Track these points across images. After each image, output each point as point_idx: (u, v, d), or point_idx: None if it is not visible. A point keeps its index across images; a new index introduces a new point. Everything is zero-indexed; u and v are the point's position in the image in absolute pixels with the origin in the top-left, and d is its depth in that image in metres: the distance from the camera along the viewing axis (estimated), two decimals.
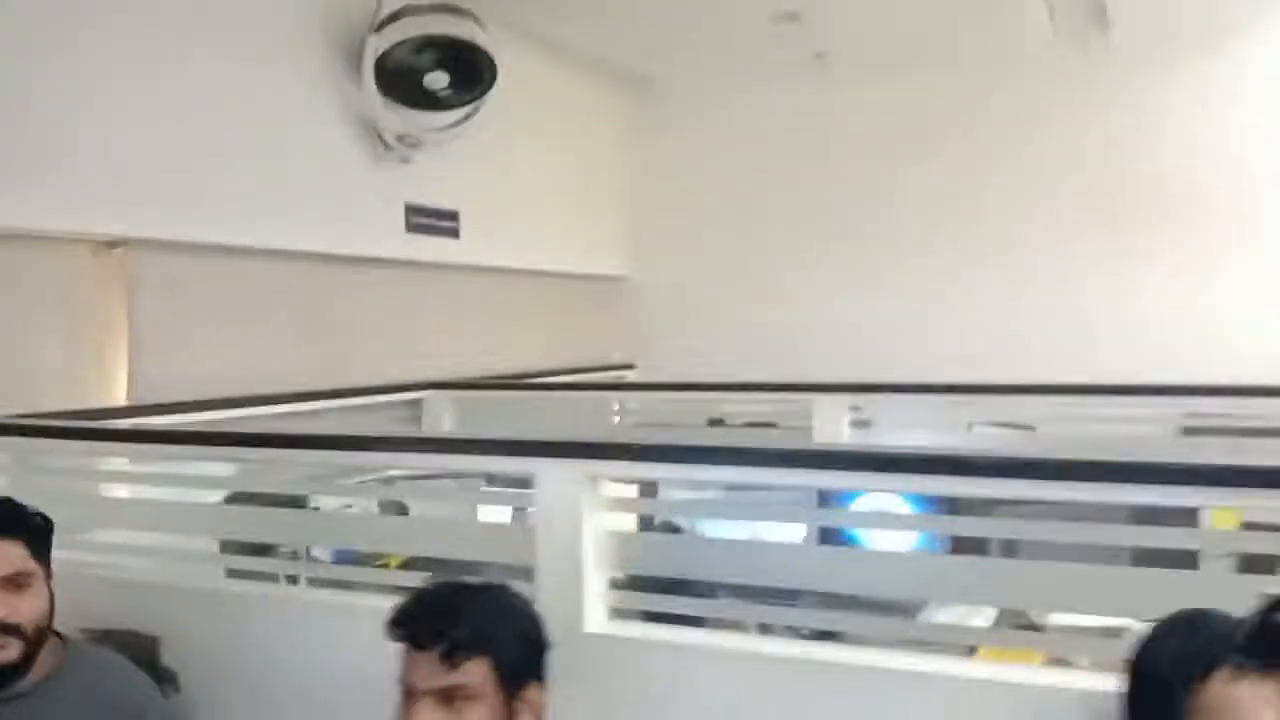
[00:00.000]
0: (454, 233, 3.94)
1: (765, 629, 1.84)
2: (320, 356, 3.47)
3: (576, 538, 1.67)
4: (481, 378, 4.14)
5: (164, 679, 2.07)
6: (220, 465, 2.42)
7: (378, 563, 2.61)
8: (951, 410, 3.46)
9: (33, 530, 1.75)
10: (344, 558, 2.58)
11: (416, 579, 1.93)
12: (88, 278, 2.78)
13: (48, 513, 2.38)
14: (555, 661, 1.45)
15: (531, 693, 1.44)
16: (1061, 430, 3.49)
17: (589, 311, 5.15)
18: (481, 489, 1.88)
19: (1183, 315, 4.35)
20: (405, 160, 3.64)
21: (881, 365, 4.09)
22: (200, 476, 2.40)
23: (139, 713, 1.78)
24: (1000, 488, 1.55)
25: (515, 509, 2.66)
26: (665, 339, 5.17)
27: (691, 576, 1.70)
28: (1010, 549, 2.17)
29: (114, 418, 2.70)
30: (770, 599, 1.77)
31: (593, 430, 3.92)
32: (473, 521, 1.87)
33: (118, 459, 2.59)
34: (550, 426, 3.86)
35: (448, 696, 1.38)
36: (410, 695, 1.39)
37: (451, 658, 1.37)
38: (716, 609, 1.74)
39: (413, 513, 2.47)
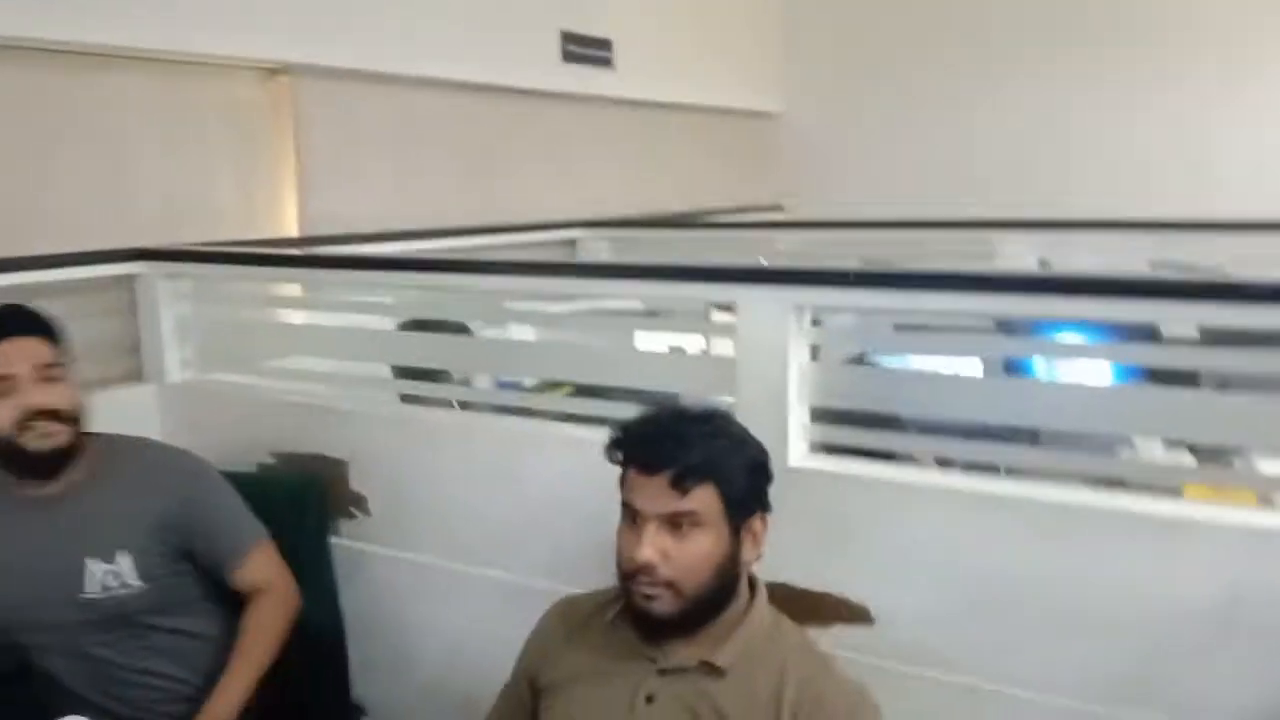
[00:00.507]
0: (608, 62, 3.78)
1: (946, 463, 1.75)
2: (479, 193, 3.43)
3: (782, 370, 1.59)
4: (634, 216, 4.05)
5: (353, 501, 2.12)
6: (403, 293, 2.43)
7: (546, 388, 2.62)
8: (1133, 248, 3.19)
9: (54, 330, 1.76)
10: (507, 387, 2.58)
11: (604, 406, 1.91)
12: (255, 107, 2.75)
13: (231, 338, 2.46)
14: None
15: (756, 522, 1.39)
16: (1252, 272, 3.20)
17: (740, 150, 4.95)
18: (675, 318, 1.78)
19: None
20: None
21: (1051, 202, 3.82)
22: (379, 303, 2.41)
23: (188, 498, 1.81)
24: (1203, 312, 1.43)
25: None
26: (818, 178, 4.96)
27: (904, 412, 1.60)
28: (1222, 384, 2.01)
29: (288, 248, 2.74)
30: (961, 434, 1.68)
31: None
32: (670, 352, 1.79)
33: (293, 286, 2.63)
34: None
35: (675, 521, 1.34)
36: (635, 517, 1.36)
37: (682, 483, 1.33)
38: (930, 445, 1.64)
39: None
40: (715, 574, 1.37)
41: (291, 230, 2.86)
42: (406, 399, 2.38)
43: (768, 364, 1.60)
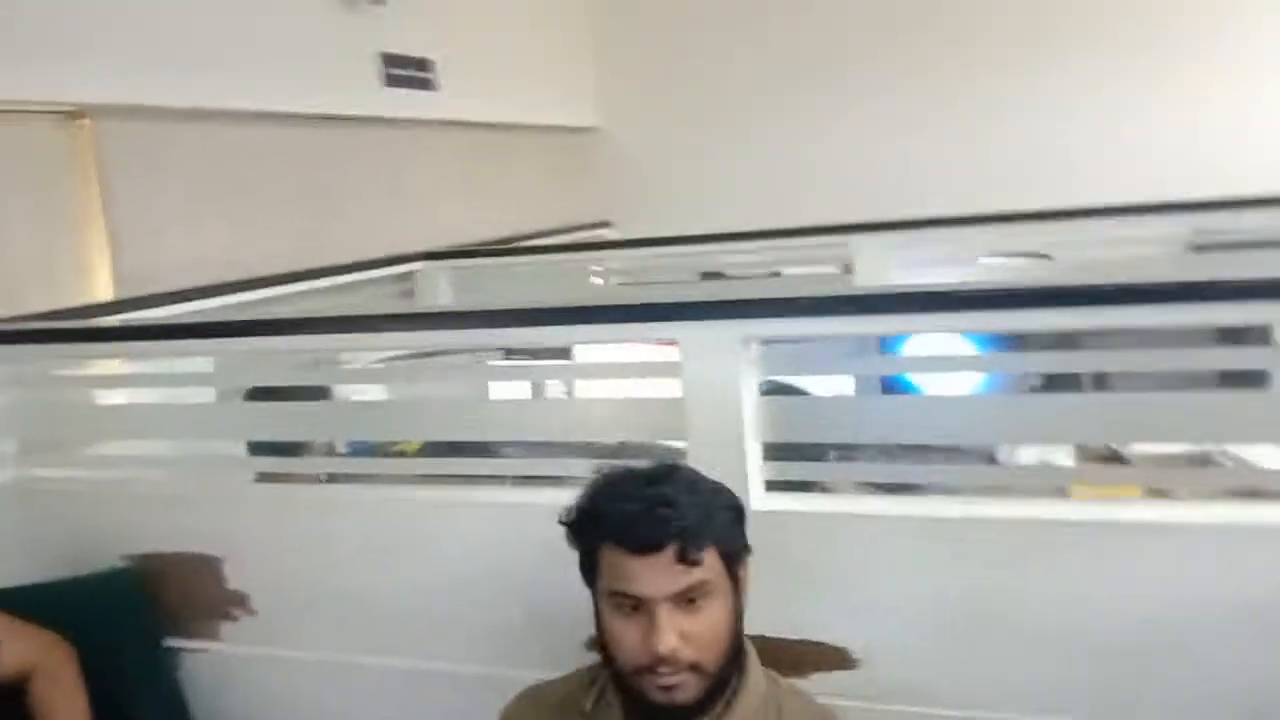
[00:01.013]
0: (429, 84, 3.57)
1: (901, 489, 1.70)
2: (308, 231, 3.15)
3: (735, 407, 1.48)
4: (467, 244, 3.85)
5: (233, 601, 1.86)
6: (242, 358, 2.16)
7: (393, 449, 2.41)
8: (957, 244, 3.26)
9: None
10: (359, 449, 2.36)
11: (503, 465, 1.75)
12: (55, 155, 2.39)
13: (56, 425, 2.12)
14: None
15: (743, 569, 1.27)
16: (1077, 256, 3.35)
17: (563, 168, 4.83)
18: (623, 361, 1.63)
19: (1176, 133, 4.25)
20: (377, 2, 3.25)
21: (865, 204, 3.89)
22: (214, 373, 2.14)
23: None
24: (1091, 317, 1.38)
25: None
26: (641, 193, 4.91)
27: (859, 440, 1.53)
28: (1098, 383, 2.07)
29: (102, 315, 2.39)
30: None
31: (580, 294, 3.68)
32: (615, 398, 1.64)
33: (118, 361, 2.30)
34: (539, 293, 3.63)
35: (687, 598, 1.20)
36: (637, 605, 1.21)
37: (689, 555, 1.19)
38: (892, 473, 1.57)
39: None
40: (731, 640, 1.25)
41: (104, 293, 2.51)
42: (264, 477, 2.14)
43: (719, 402, 1.49)
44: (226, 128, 2.85)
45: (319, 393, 2.23)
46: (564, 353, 2.84)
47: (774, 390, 1.58)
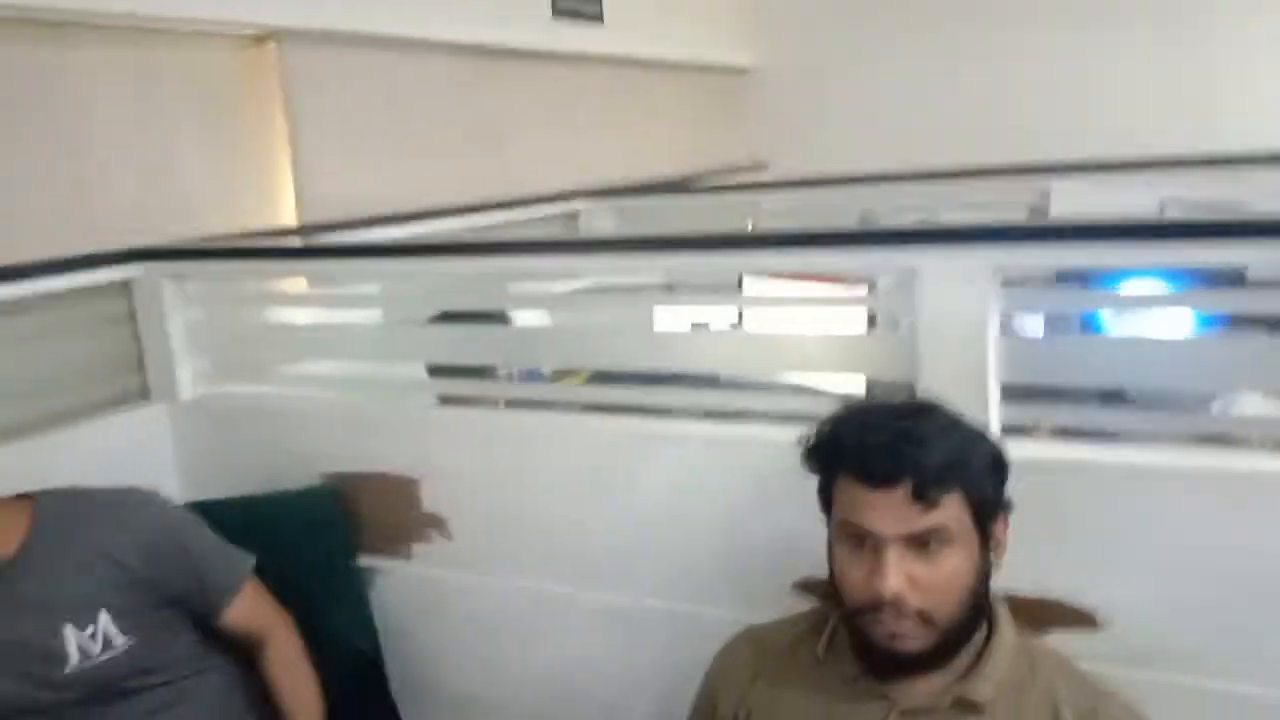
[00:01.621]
0: (598, 16, 3.50)
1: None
2: (477, 165, 3.12)
3: (980, 346, 1.37)
4: (626, 183, 3.78)
5: (429, 523, 1.85)
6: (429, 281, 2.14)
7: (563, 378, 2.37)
8: (1154, 187, 3.01)
9: None
10: (534, 376, 2.32)
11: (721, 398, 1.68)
12: (237, 79, 2.40)
13: (250, 344, 2.14)
14: None
15: (999, 527, 1.18)
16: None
17: (719, 108, 4.70)
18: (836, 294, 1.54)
19: None
20: None
21: (1050, 145, 3.63)
22: (406, 294, 2.13)
23: (152, 544, 1.58)
24: None
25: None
26: (798, 135, 4.74)
27: (1109, 384, 1.40)
28: None
29: (292, 239, 2.42)
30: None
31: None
32: (834, 333, 1.55)
33: (304, 282, 2.32)
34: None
35: (921, 541, 1.11)
36: (867, 541, 1.13)
37: (928, 494, 1.10)
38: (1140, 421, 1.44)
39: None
40: (969, 596, 1.15)
41: (288, 219, 2.53)
42: (447, 400, 2.13)
43: (962, 340, 1.38)
44: (404, 57, 2.82)
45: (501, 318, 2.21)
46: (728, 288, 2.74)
47: None
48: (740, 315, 2.56)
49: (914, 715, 1.18)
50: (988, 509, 1.15)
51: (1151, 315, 1.92)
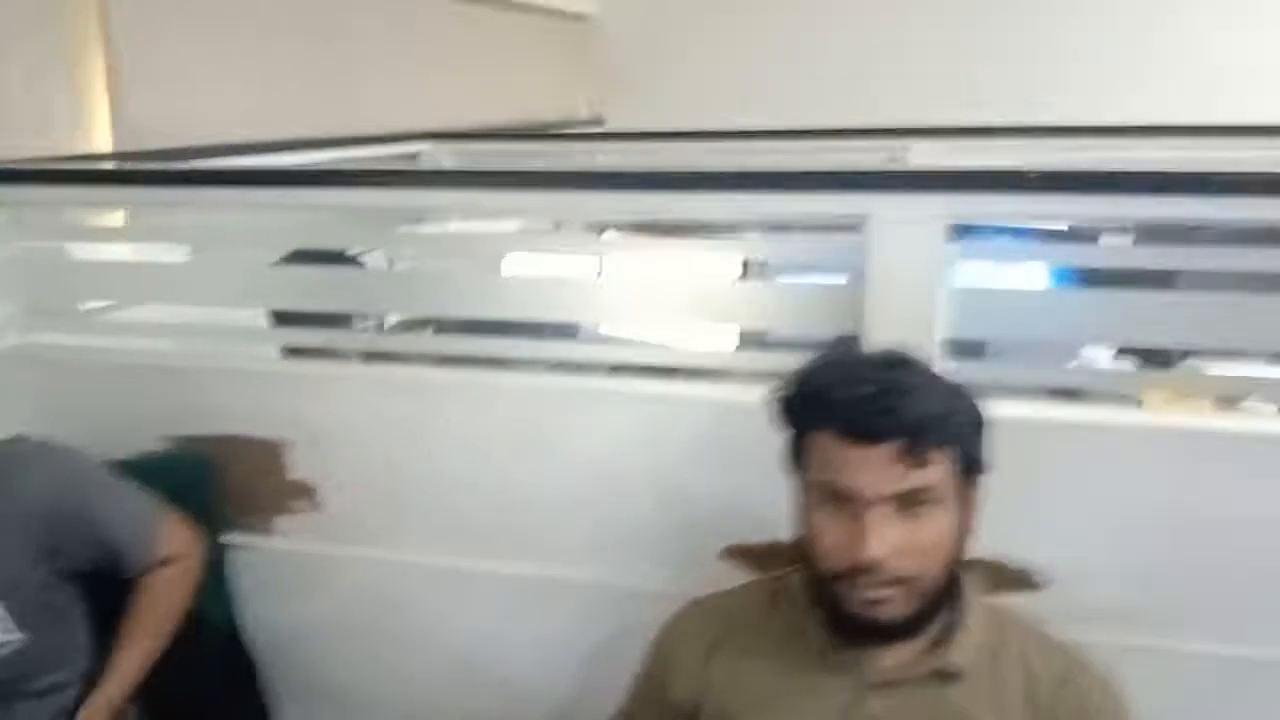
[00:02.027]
0: None
1: None
2: (310, 98, 2.83)
3: (927, 299, 1.31)
4: (471, 128, 3.56)
5: (296, 493, 1.64)
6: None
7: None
8: (1015, 155, 3.05)
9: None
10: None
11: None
12: None
13: (68, 285, 1.83)
14: None
15: (975, 489, 1.12)
16: None
17: (556, 56, 4.52)
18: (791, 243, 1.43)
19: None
20: None
21: (915, 106, 3.58)
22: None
23: (56, 509, 1.34)
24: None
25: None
26: (637, 87, 4.62)
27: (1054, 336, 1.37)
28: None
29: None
30: None
31: None
32: (783, 284, 1.45)
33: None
34: None
35: (906, 502, 1.04)
36: (844, 504, 1.04)
37: (918, 452, 1.02)
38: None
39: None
40: (950, 560, 1.09)
41: (101, 144, 2.19)
42: (292, 352, 1.91)
43: (908, 292, 1.31)
44: None
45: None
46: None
47: None
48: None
49: (887, 688, 1.11)
50: (973, 468, 1.09)
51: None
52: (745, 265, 2.51)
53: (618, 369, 1.68)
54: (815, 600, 1.13)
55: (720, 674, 1.17)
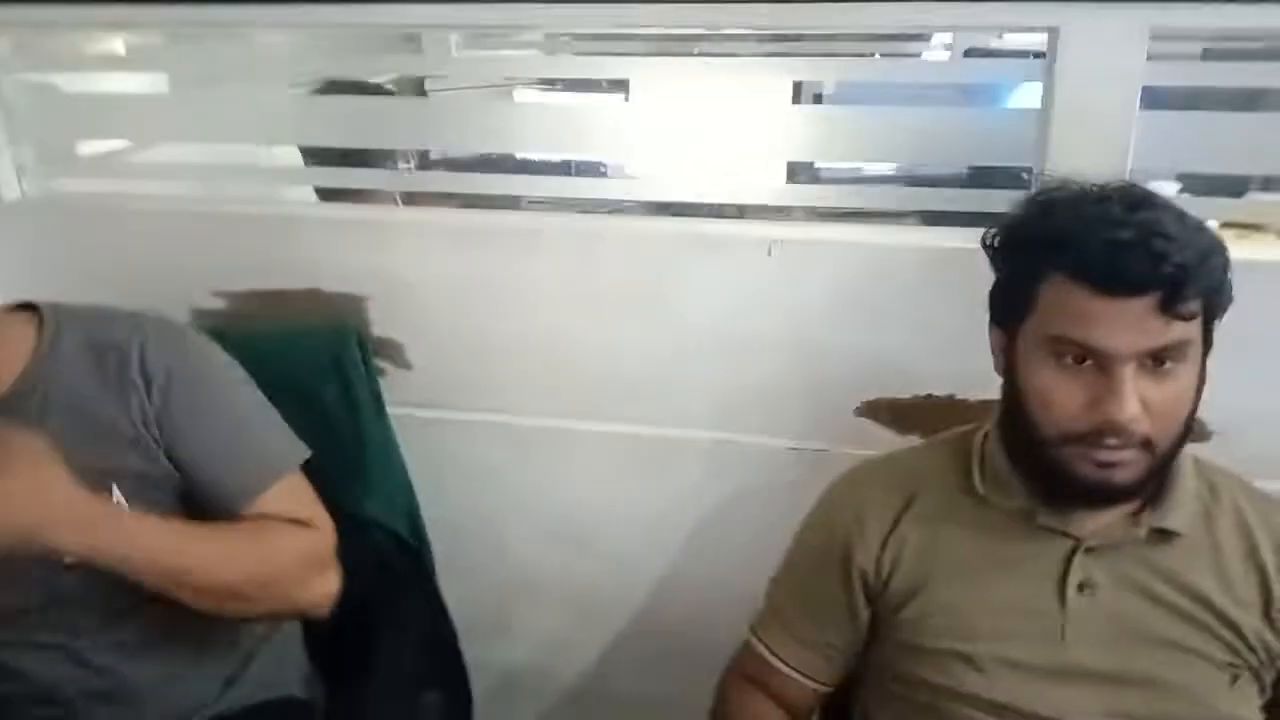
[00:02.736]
0: None
1: None
2: None
3: (1123, 126, 1.16)
4: None
5: (380, 351, 1.49)
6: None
7: None
8: None
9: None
10: None
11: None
12: None
13: (66, 125, 1.59)
14: None
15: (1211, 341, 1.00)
16: None
17: None
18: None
19: None
20: None
21: None
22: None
23: (171, 400, 1.08)
24: None
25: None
26: None
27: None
28: None
29: None
30: None
31: None
32: (950, 110, 1.29)
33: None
34: None
35: (1157, 358, 0.92)
36: (1084, 360, 0.93)
37: (1178, 304, 0.90)
38: None
39: None
40: (1189, 420, 0.98)
41: None
42: (328, 194, 1.75)
43: (1100, 119, 1.16)
44: None
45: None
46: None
47: None
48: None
49: (1101, 551, 1.02)
50: (1217, 314, 0.98)
51: None
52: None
53: None
54: (1020, 461, 1.03)
55: (913, 540, 1.07)
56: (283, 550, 1.08)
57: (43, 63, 1.58)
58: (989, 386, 1.06)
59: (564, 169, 2.47)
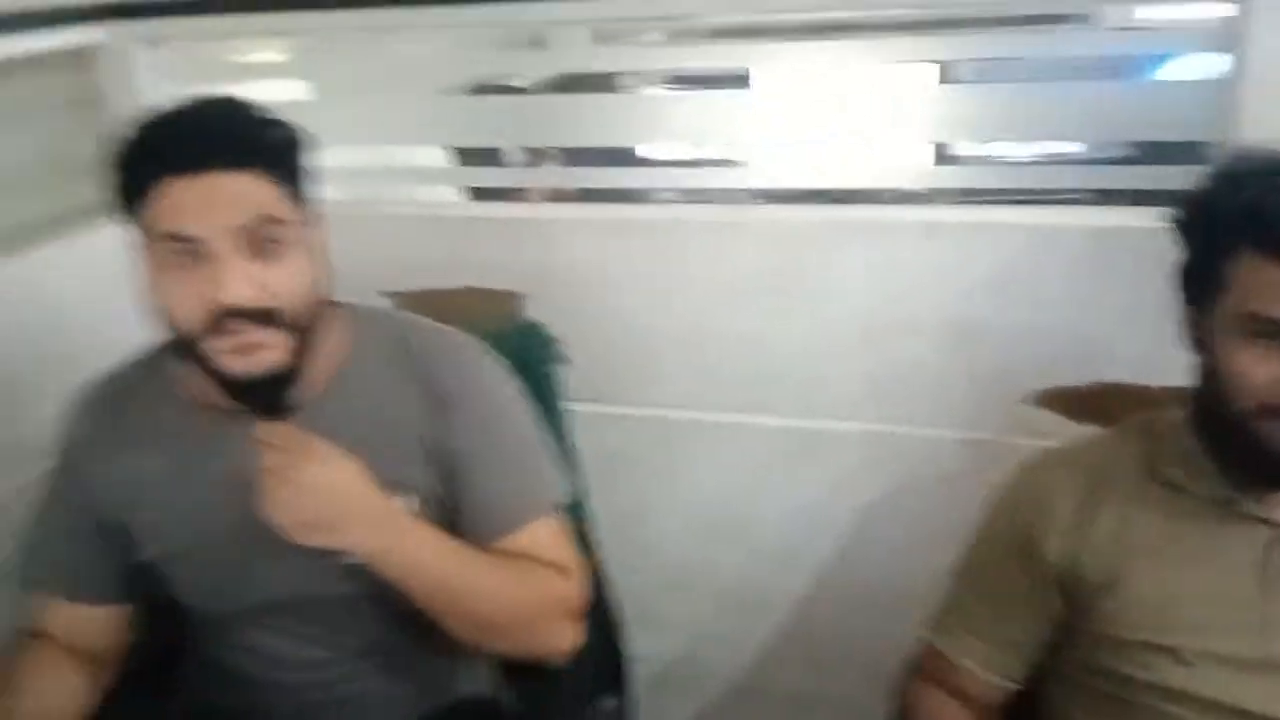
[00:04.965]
0: None
1: None
2: None
3: None
4: None
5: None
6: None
7: None
8: None
9: (276, 148, 0.99)
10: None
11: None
12: None
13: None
14: None
15: None
16: None
17: None
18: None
19: None
20: None
21: None
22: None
23: (463, 419, 1.06)
24: None
25: None
26: None
27: None
28: None
29: None
30: None
31: None
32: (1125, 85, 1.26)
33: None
34: None
35: None
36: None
37: None
38: None
39: None
40: None
41: None
42: (480, 194, 1.77)
43: None
44: None
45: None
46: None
47: None
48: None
49: None
50: None
51: None
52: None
53: None
54: (1216, 444, 0.99)
55: (1103, 529, 1.03)
56: (545, 595, 1.04)
57: (201, 73, 1.64)
58: (1167, 371, 1.02)
59: (692, 162, 2.48)
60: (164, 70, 1.56)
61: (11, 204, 1.47)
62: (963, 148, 2.17)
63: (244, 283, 0.93)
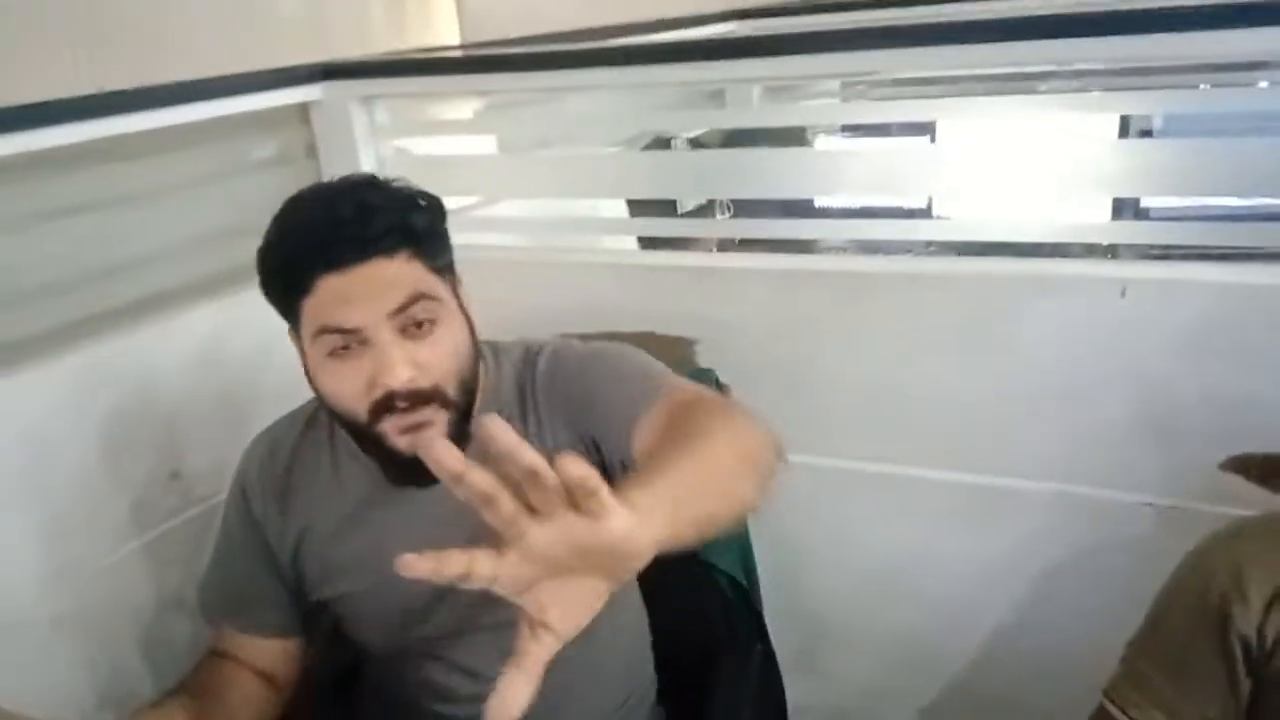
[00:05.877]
0: None
1: None
2: None
3: None
4: (769, 4, 3.33)
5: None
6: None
7: None
8: None
9: (423, 228, 1.02)
10: None
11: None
12: None
13: (453, 180, 1.73)
14: None
15: None
16: None
17: None
18: None
19: None
20: None
21: None
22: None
23: (588, 399, 1.08)
24: None
25: None
26: None
27: None
28: None
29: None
30: None
31: None
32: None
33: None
34: None
35: None
36: None
37: None
38: None
39: None
40: None
41: (449, 37, 2.14)
42: (648, 243, 1.82)
43: None
44: None
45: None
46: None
47: None
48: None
49: None
50: None
51: None
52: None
53: None
54: None
55: None
56: (730, 417, 0.98)
57: (404, 129, 1.76)
58: None
59: (864, 213, 2.49)
60: (373, 126, 1.69)
61: (237, 246, 1.61)
62: (1155, 201, 2.09)
63: (405, 365, 0.97)
